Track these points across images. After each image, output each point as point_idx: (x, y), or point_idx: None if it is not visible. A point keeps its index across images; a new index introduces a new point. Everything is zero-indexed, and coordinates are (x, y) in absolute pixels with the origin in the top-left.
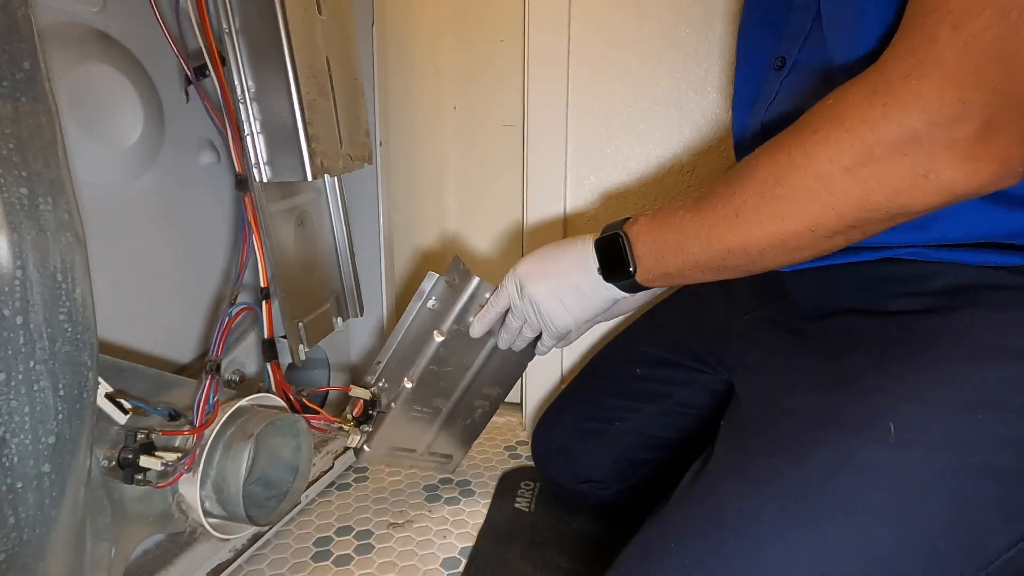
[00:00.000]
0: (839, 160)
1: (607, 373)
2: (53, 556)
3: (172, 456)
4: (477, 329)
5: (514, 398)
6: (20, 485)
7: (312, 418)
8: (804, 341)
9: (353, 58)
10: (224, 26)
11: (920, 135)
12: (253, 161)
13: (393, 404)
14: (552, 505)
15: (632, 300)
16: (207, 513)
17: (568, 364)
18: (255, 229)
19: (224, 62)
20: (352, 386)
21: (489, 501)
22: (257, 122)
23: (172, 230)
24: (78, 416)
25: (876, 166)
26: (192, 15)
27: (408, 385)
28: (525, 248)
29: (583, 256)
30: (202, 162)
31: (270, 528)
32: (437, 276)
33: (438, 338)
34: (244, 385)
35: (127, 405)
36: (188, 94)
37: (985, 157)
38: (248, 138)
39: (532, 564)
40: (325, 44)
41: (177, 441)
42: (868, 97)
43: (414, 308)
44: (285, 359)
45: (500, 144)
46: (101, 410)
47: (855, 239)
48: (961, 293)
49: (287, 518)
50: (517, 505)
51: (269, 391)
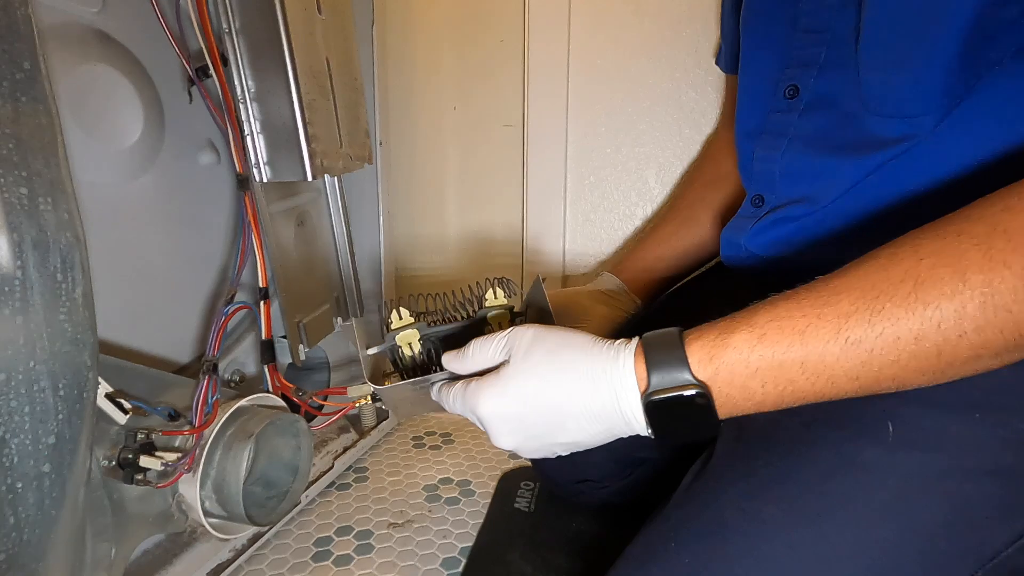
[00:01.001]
0: None
1: None
2: (53, 556)
3: (172, 456)
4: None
5: None
6: (20, 485)
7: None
8: None
9: (353, 58)
10: (224, 26)
11: None
12: (253, 161)
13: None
14: (552, 505)
15: None
16: (207, 513)
17: None
18: (255, 228)
19: (225, 62)
20: (348, 388)
21: (489, 501)
22: (257, 122)
23: (172, 230)
24: (78, 416)
25: None
26: (192, 15)
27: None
28: (525, 248)
29: (607, 410)
30: (202, 162)
31: (270, 528)
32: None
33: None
34: (244, 385)
35: (127, 405)
36: (191, 95)
37: None
38: (248, 138)
39: (532, 564)
40: (325, 44)
41: (177, 441)
42: None
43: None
44: (285, 359)
45: (500, 144)
46: (101, 410)
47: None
48: None
49: (287, 518)
50: (517, 505)
51: (265, 388)
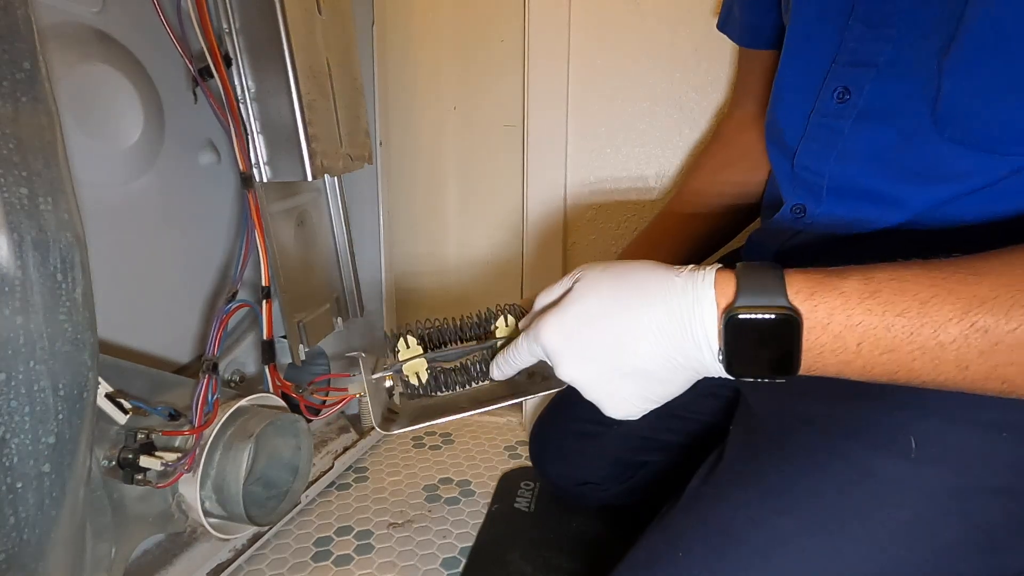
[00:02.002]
0: None
1: None
2: (53, 556)
3: (172, 456)
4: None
5: None
6: (20, 485)
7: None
8: None
9: (353, 58)
10: (224, 26)
11: None
12: (253, 161)
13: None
14: (552, 505)
15: None
16: (207, 513)
17: None
18: (258, 226)
19: (229, 62)
20: (351, 383)
21: (489, 501)
22: (257, 122)
23: (172, 230)
24: (78, 416)
25: None
26: (193, 16)
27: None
28: (525, 249)
29: (673, 328)
30: (202, 162)
31: (270, 528)
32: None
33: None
34: (244, 385)
35: (127, 405)
36: (196, 95)
37: None
38: (248, 138)
39: (532, 564)
40: (325, 44)
41: (177, 441)
42: None
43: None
44: (285, 359)
45: (500, 144)
46: (101, 410)
47: None
48: None
49: (287, 518)
50: (517, 505)
51: (266, 389)
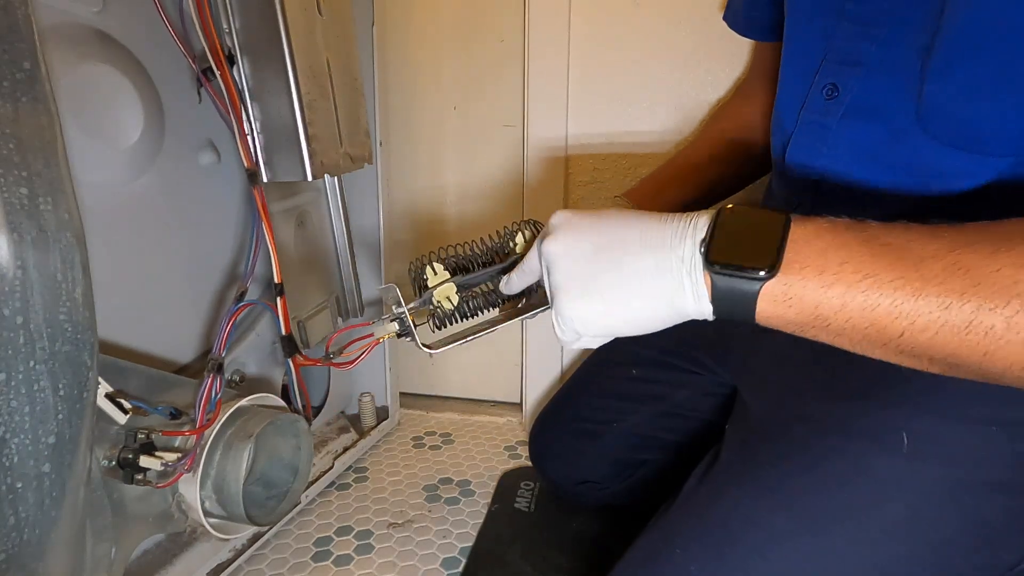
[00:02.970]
0: None
1: (603, 374)
2: (53, 556)
3: (172, 456)
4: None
5: (513, 398)
6: (20, 485)
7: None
8: (815, 347)
9: (353, 58)
10: (224, 26)
11: None
12: (253, 161)
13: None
14: (552, 505)
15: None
16: (207, 513)
17: (568, 360)
18: (266, 222)
19: (232, 62)
20: (373, 327)
21: (489, 501)
22: (257, 122)
23: (172, 230)
24: (78, 416)
25: None
26: (194, 15)
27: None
28: None
29: (668, 227)
30: (202, 162)
31: (270, 528)
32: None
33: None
34: (245, 385)
35: (127, 405)
36: (200, 94)
37: None
38: (248, 138)
39: (532, 564)
40: (325, 44)
41: (177, 441)
42: None
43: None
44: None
45: (500, 144)
46: (101, 410)
47: None
48: None
49: (287, 518)
50: (517, 505)
51: (292, 385)
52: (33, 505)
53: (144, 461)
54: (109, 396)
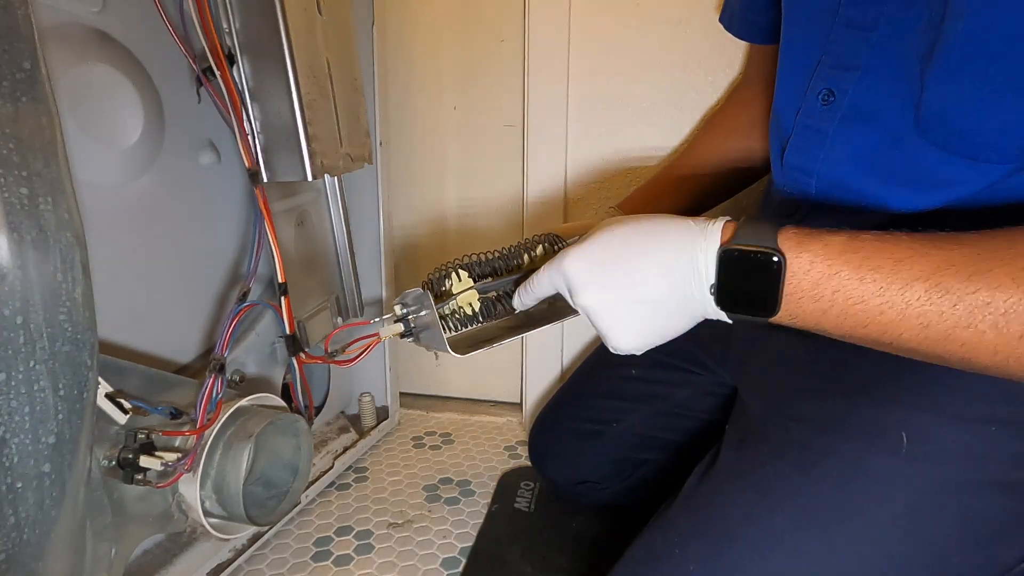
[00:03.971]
0: None
1: (603, 374)
2: (53, 556)
3: (172, 456)
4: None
5: (513, 398)
6: (20, 485)
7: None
8: (813, 346)
9: (353, 58)
10: (224, 26)
11: None
12: (254, 160)
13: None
14: (552, 505)
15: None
16: (207, 513)
17: (568, 359)
18: (268, 222)
19: (232, 61)
20: (379, 328)
21: (489, 501)
22: (257, 122)
23: (172, 230)
24: (78, 416)
25: None
26: (194, 15)
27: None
28: None
29: (681, 263)
30: (202, 162)
31: (270, 528)
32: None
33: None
34: (245, 385)
35: (127, 405)
36: (200, 94)
37: None
38: (248, 138)
39: (532, 564)
40: (325, 44)
41: (177, 441)
42: None
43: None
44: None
45: (500, 144)
46: (101, 410)
47: None
48: None
49: (287, 518)
50: (517, 505)
51: (296, 383)
52: (33, 505)
53: (144, 461)
54: (109, 396)
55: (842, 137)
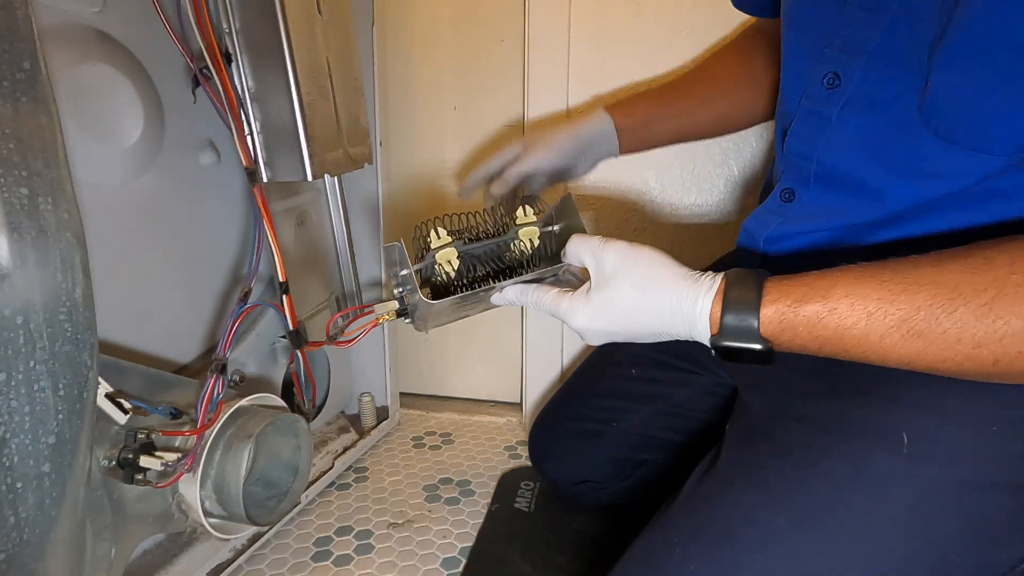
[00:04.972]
0: None
1: (603, 374)
2: (53, 556)
3: (172, 456)
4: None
5: (513, 398)
6: (20, 485)
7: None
8: None
9: (353, 58)
10: (224, 26)
11: None
12: (252, 160)
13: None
14: (552, 505)
15: None
16: (207, 513)
17: (568, 359)
18: (267, 221)
19: (230, 60)
20: (375, 306)
21: (489, 501)
22: (257, 122)
23: (172, 230)
24: (78, 416)
25: None
26: (191, 15)
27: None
28: None
29: (680, 334)
30: (202, 162)
31: (270, 528)
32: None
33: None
34: (245, 385)
35: (127, 405)
36: (195, 95)
37: None
38: (248, 138)
39: (532, 564)
40: (325, 44)
41: (177, 441)
42: None
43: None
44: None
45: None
46: (101, 410)
47: None
48: None
49: (287, 518)
50: (517, 505)
51: (300, 375)
52: (33, 505)
53: (144, 461)
54: (109, 396)
55: (845, 123)
